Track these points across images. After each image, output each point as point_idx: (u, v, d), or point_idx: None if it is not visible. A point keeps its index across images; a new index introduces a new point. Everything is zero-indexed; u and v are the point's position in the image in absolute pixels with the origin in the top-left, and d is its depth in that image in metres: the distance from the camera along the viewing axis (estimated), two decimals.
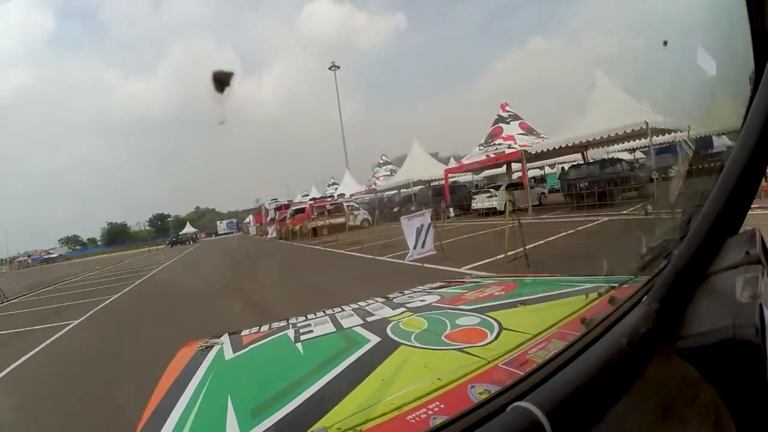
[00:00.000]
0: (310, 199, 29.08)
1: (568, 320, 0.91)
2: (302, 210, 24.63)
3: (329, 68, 42.31)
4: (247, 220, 52.96)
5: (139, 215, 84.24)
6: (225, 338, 1.33)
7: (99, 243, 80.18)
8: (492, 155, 18.46)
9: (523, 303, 1.15)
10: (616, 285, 0.93)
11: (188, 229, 63.51)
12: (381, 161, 33.15)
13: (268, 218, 32.43)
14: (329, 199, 27.94)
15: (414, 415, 0.66)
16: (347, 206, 24.77)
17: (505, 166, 19.84)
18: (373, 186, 30.15)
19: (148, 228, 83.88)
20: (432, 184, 24.07)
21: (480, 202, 17.94)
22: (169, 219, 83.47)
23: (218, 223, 70.71)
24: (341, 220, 22.77)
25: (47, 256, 59.76)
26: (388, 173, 30.65)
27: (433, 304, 1.35)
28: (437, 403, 0.68)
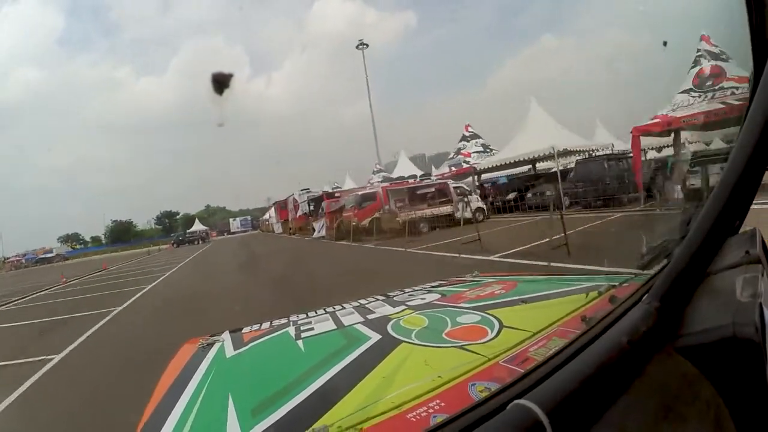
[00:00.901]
0: (381, 181, 21.69)
1: (568, 318, 0.92)
2: (372, 197, 16.31)
3: (357, 47, 36.22)
4: (266, 216, 46.50)
5: (149, 213, 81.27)
6: (226, 335, 1.34)
7: (104, 242, 76.27)
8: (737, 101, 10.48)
9: (524, 301, 1.15)
10: (617, 283, 0.93)
11: (197, 226, 57.89)
12: (467, 133, 22.94)
13: (298, 213, 26.72)
14: (411, 181, 19.40)
15: (414, 413, 0.66)
16: (454, 189, 16.06)
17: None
18: (464, 164, 20.72)
19: (155, 226, 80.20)
20: (596, 156, 15.56)
21: None
22: (178, 217, 78.88)
23: (231, 220, 66.13)
24: (446, 209, 15.02)
25: (43, 256, 55.08)
26: (481, 149, 21.71)
27: (434, 302, 1.35)
28: (438, 401, 0.69)
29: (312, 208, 24.42)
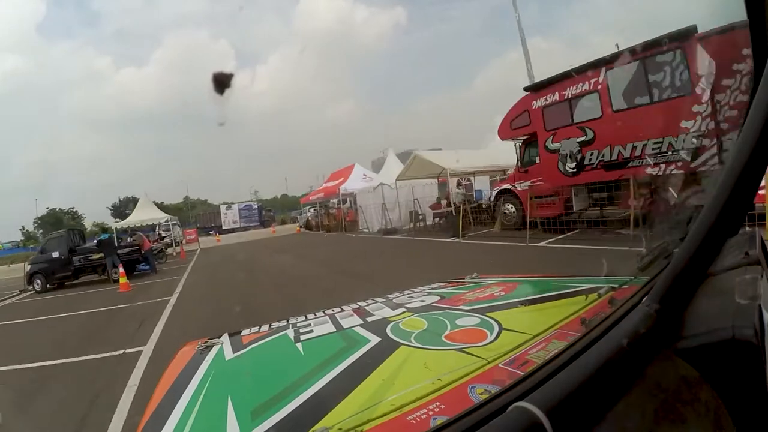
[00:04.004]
0: None
1: (568, 321, 0.92)
2: None
3: None
4: (339, 188, 18.80)
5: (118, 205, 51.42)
6: (225, 338, 1.33)
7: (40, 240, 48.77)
8: None
9: (523, 303, 1.15)
10: (616, 286, 0.93)
11: (150, 214, 20.38)
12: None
13: None
14: None
15: (414, 415, 0.66)
16: None
17: None
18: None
19: (115, 219, 45.51)
20: None
21: None
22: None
23: (223, 209, 42.74)
24: None
25: None
26: None
27: (434, 304, 1.35)
28: (438, 403, 0.68)
29: None
